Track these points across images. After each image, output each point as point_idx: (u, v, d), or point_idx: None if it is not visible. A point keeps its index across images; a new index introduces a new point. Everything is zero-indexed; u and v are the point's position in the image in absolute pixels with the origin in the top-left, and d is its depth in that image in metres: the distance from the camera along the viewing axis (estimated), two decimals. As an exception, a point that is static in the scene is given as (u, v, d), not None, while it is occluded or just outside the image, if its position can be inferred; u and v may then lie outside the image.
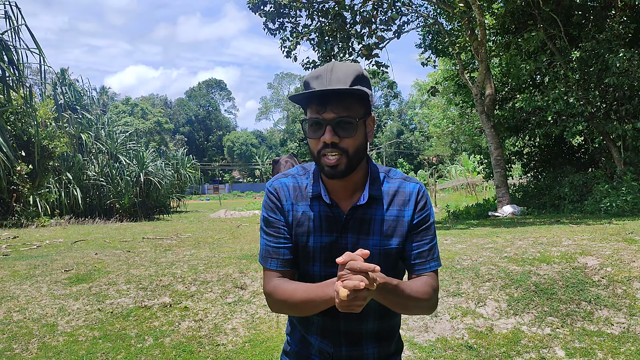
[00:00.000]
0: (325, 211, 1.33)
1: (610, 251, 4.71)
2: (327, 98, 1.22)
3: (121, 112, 56.08)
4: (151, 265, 5.51)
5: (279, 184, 1.39)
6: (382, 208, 1.33)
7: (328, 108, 1.22)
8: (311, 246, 1.34)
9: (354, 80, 1.24)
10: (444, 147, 41.84)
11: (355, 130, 1.24)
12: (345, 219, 1.32)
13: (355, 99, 1.25)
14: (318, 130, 1.25)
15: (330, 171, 1.25)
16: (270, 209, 1.37)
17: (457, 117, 25.42)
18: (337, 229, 1.32)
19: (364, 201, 1.31)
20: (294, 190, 1.37)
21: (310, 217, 1.34)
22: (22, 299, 4.49)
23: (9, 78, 11.85)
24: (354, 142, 1.25)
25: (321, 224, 1.33)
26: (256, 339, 3.78)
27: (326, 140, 1.22)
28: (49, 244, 8.16)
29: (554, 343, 3.44)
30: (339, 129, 1.23)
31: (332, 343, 1.38)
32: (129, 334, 3.86)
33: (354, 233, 1.32)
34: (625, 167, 10.18)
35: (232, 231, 9.94)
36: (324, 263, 1.34)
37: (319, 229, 1.33)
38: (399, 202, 1.34)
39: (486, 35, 11.55)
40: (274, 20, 11.81)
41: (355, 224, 1.32)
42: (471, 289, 4.24)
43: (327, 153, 1.24)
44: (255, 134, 75.48)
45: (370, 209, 1.32)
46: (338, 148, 1.24)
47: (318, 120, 1.23)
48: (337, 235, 1.32)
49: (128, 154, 20.90)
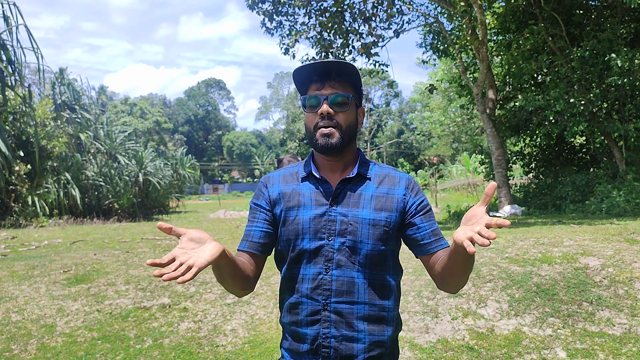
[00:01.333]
0: (315, 186, 1.40)
1: (612, 251, 4.69)
2: (326, 75, 1.36)
3: (120, 111, 56.05)
4: (150, 266, 5.48)
5: (270, 174, 1.50)
6: (372, 185, 1.40)
7: (326, 84, 1.36)
8: (301, 219, 1.37)
9: (348, 65, 1.36)
10: (444, 147, 41.83)
11: (348, 106, 1.37)
12: (335, 191, 1.37)
13: (350, 80, 1.38)
14: (316, 106, 1.36)
15: (324, 141, 1.34)
16: (255, 197, 1.47)
17: (458, 117, 25.42)
18: (326, 201, 1.37)
19: (353, 175, 1.38)
20: (284, 177, 1.46)
21: (300, 192, 1.41)
22: (21, 300, 4.47)
23: (8, 78, 11.82)
24: (346, 117, 1.37)
25: (311, 198, 1.39)
26: (255, 340, 3.75)
27: (323, 111, 1.34)
28: (48, 244, 8.13)
29: (555, 344, 3.42)
30: (335, 105, 1.35)
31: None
32: (128, 335, 3.84)
33: (343, 205, 1.36)
34: (627, 167, 10.16)
35: (232, 231, 9.91)
36: (314, 235, 1.35)
37: (309, 203, 1.38)
38: (389, 182, 1.41)
39: (487, 34, 11.52)
40: (271, 19, 11.78)
41: (345, 197, 1.37)
42: (472, 290, 4.22)
43: (322, 125, 1.35)
44: (255, 133, 75.43)
45: (360, 184, 1.39)
46: (332, 121, 1.34)
47: (317, 96, 1.36)
48: (327, 208, 1.36)
49: (127, 153, 20.87)
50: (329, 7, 11.55)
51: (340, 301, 1.32)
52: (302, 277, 1.36)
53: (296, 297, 1.36)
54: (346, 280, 1.33)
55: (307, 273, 1.35)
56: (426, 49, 14.19)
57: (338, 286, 1.33)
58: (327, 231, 1.34)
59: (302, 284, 1.36)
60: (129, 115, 57.15)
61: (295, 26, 12.08)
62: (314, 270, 1.34)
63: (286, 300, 1.41)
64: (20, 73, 12.43)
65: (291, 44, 11.75)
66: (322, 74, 1.37)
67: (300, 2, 11.38)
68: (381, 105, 62.78)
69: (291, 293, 1.38)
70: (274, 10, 11.60)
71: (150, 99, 72.37)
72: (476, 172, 25.99)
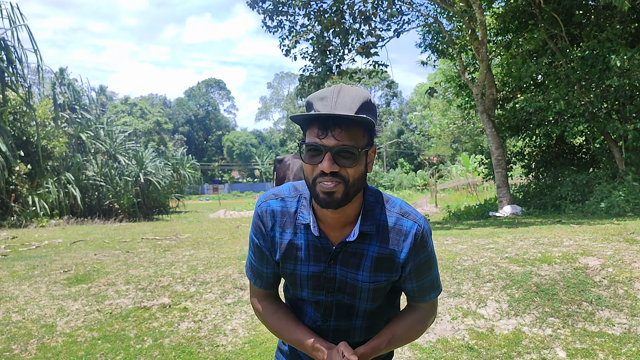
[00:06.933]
0: (313, 240, 1.28)
1: (611, 251, 4.69)
2: (330, 124, 1.13)
3: (120, 111, 56.06)
4: (150, 266, 5.49)
5: (267, 207, 1.32)
6: (375, 244, 1.26)
7: (330, 134, 1.12)
8: (298, 274, 1.31)
9: (361, 107, 1.14)
10: (444, 147, 41.83)
11: (356, 160, 1.15)
12: (335, 250, 1.27)
13: (360, 128, 1.15)
14: (316, 156, 1.15)
15: (325, 199, 1.15)
16: (255, 233, 1.35)
17: (458, 118, 25.41)
18: (325, 259, 1.28)
19: (353, 237, 1.24)
20: (282, 215, 1.30)
21: (298, 246, 1.29)
22: (21, 300, 4.47)
23: (8, 78, 11.83)
24: (354, 172, 1.16)
25: (309, 253, 1.28)
26: (256, 340, 3.76)
27: (325, 169, 1.13)
28: (48, 244, 8.13)
29: (555, 344, 3.42)
30: (339, 158, 1.14)
31: None
32: (128, 335, 3.84)
33: (342, 265, 1.28)
34: (627, 167, 10.16)
35: (232, 231, 9.92)
36: (313, 290, 1.33)
37: (306, 259, 1.29)
38: (394, 240, 1.26)
39: (487, 34, 11.52)
40: (272, 18, 11.80)
41: (345, 257, 1.27)
42: (472, 290, 4.22)
43: (324, 180, 1.14)
44: (255, 133, 75.43)
45: (362, 244, 1.26)
46: (337, 177, 1.14)
47: (317, 146, 1.13)
48: (326, 266, 1.28)
49: (127, 153, 20.89)
50: (329, 8, 11.56)
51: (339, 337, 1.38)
52: (304, 313, 1.40)
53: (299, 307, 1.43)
54: (343, 328, 1.37)
55: (308, 311, 1.39)
56: (425, 49, 14.21)
57: (336, 332, 1.38)
58: (326, 288, 1.32)
59: (303, 317, 1.41)
60: (130, 115, 57.15)
61: (295, 27, 12.09)
62: (314, 316, 1.38)
63: None
64: (22, 73, 12.44)
65: (291, 45, 11.76)
66: (326, 117, 1.13)
67: (301, 1, 11.38)
68: (381, 106, 62.77)
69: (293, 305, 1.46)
70: (274, 10, 11.61)
71: (150, 99, 72.36)
72: (476, 172, 25.99)
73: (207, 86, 77.03)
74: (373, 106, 1.20)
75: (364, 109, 1.15)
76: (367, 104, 1.16)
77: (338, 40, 11.87)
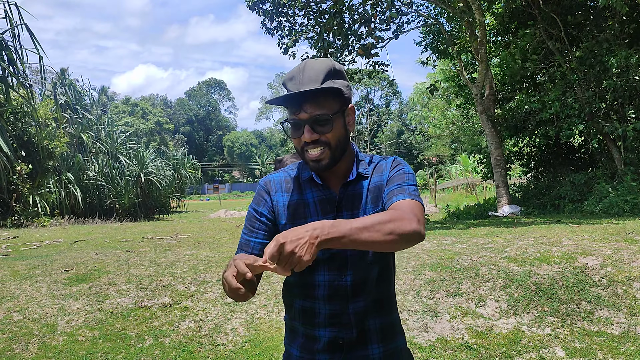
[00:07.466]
0: (318, 195, 1.38)
1: (610, 251, 4.71)
2: (300, 99, 1.27)
3: (121, 112, 56.08)
4: (151, 265, 5.50)
5: (271, 178, 1.45)
6: (367, 181, 1.40)
7: (302, 109, 1.27)
8: None
9: (326, 76, 1.27)
10: (444, 147, 41.83)
11: (331, 125, 1.29)
12: (339, 198, 1.37)
13: (328, 95, 1.29)
14: (298, 130, 1.30)
15: (314, 165, 1.31)
16: (256, 202, 1.43)
17: (458, 118, 25.42)
18: (332, 209, 1.37)
19: (353, 177, 1.37)
20: (286, 182, 1.43)
21: (305, 202, 1.39)
22: (22, 299, 4.49)
23: (9, 78, 11.85)
24: (333, 135, 1.30)
25: (316, 207, 1.38)
26: (256, 339, 3.78)
27: (306, 139, 1.28)
28: (49, 244, 8.15)
29: (554, 343, 3.44)
30: (316, 126, 1.28)
31: (343, 328, 1.38)
32: (129, 334, 3.86)
33: (348, 210, 1.37)
34: (626, 167, 10.18)
35: (232, 231, 9.93)
36: None
37: (315, 213, 1.38)
38: (378, 171, 1.41)
39: (486, 35, 11.54)
40: (272, 19, 11.80)
41: (348, 202, 1.37)
42: (471, 289, 4.24)
43: (310, 149, 1.29)
44: (255, 134, 75.43)
45: (358, 184, 1.39)
46: (320, 143, 1.29)
47: (295, 121, 1.29)
48: (334, 215, 1.36)
49: (128, 154, 20.92)
50: (328, 9, 11.57)
51: (356, 301, 1.37)
52: (317, 284, 1.39)
53: (311, 302, 1.40)
54: (360, 280, 1.37)
55: (321, 280, 1.38)
56: (425, 49, 14.22)
57: (354, 288, 1.37)
58: None
59: (317, 290, 1.39)
60: (131, 115, 57.17)
61: (295, 27, 12.10)
62: (329, 277, 1.37)
63: (297, 304, 1.44)
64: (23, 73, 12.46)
65: (290, 43, 11.77)
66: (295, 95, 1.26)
67: (300, 3, 11.40)
68: (381, 106, 62.79)
69: (304, 298, 1.42)
70: (274, 11, 11.62)
71: (151, 100, 72.38)
72: (475, 172, 26.00)
73: (207, 86, 77.06)
74: (339, 71, 1.32)
75: (330, 76, 1.28)
76: (332, 72, 1.29)
77: (338, 42, 11.89)
